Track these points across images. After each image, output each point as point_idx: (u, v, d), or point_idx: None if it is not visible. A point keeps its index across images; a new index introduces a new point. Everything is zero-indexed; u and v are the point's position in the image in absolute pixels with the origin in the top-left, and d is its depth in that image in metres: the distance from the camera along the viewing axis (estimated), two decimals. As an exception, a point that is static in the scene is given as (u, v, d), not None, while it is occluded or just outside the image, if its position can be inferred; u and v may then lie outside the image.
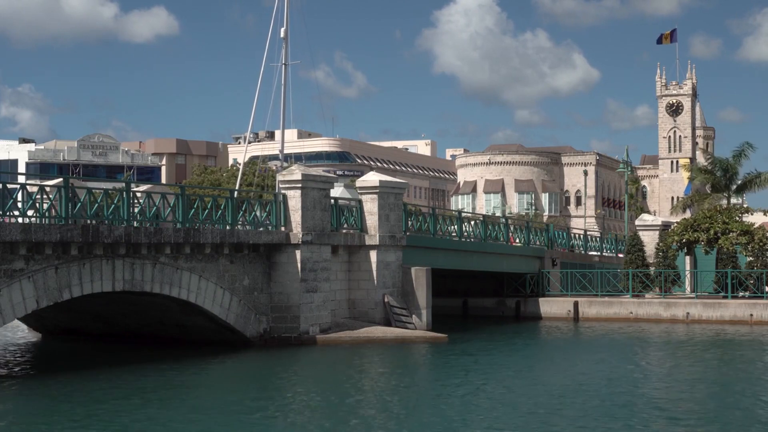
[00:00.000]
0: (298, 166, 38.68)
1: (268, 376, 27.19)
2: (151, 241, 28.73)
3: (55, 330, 37.36)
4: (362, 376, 27.40)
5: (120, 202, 28.64)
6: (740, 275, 45.98)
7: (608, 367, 29.05)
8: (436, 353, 32.69)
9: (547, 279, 49.90)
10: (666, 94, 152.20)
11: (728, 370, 28.96)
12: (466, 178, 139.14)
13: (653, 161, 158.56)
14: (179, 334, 33.83)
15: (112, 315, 34.27)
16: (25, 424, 19.88)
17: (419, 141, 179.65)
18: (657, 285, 47.88)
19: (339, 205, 37.04)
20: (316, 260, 34.14)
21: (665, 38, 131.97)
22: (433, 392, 24.39)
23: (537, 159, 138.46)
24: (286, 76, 53.22)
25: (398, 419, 20.11)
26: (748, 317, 43.17)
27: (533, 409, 21.08)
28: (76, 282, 26.97)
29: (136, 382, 25.13)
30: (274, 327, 33.62)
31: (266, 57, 53.11)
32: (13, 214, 25.99)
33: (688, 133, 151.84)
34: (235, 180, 78.82)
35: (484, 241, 46.96)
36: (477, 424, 19.57)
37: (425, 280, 37.86)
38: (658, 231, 54.22)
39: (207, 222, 31.69)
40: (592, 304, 46.83)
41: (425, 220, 43.84)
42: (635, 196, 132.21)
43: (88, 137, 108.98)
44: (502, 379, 26.72)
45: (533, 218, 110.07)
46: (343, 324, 35.47)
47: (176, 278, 30.19)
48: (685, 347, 35.30)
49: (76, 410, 21.00)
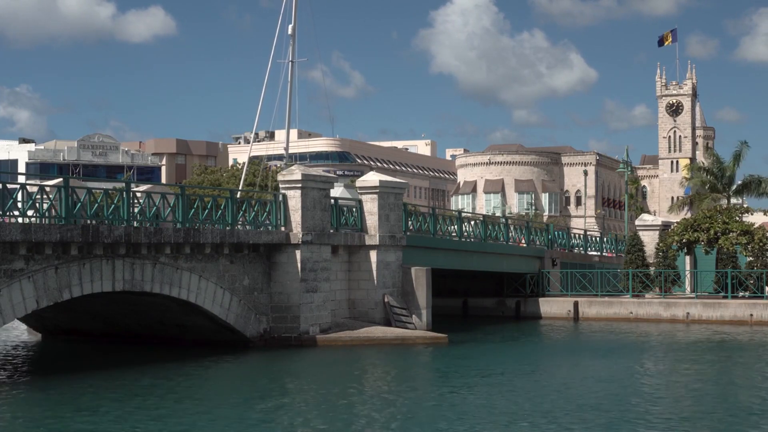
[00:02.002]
0: (298, 166, 38.66)
1: (268, 376, 27.19)
2: (151, 241, 28.73)
3: (55, 330, 37.36)
4: (362, 376, 27.40)
5: (120, 202, 28.63)
6: (740, 275, 45.98)
7: (608, 367, 29.03)
8: (436, 353, 32.71)
9: (547, 279, 49.90)
10: (666, 94, 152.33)
11: (728, 371, 28.97)
12: (466, 178, 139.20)
13: (653, 161, 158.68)
14: (179, 334, 33.83)
15: (112, 315, 34.28)
16: (24, 424, 19.89)
17: (419, 141, 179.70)
18: (657, 285, 47.89)
19: (339, 205, 37.04)
20: (316, 260, 34.14)
21: (666, 39, 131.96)
22: (433, 392, 24.40)
23: (537, 159, 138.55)
24: (293, 74, 53.27)
25: (398, 419, 20.11)
26: (748, 317, 43.18)
27: (533, 410, 21.08)
28: (76, 282, 26.97)
29: (136, 383, 25.13)
30: (274, 327, 33.62)
31: (273, 54, 53.13)
32: (13, 214, 25.99)
33: (688, 133, 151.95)
34: (235, 180, 78.99)
35: (484, 241, 46.96)
36: (477, 424, 19.57)
37: (425, 280, 37.86)
38: (658, 231, 54.24)
39: (207, 222, 31.69)
40: (592, 304, 46.84)
41: (425, 220, 43.84)
42: (635, 196, 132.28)
43: (88, 137, 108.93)
44: (502, 379, 26.73)
45: (533, 218, 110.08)
46: (343, 324, 35.47)
47: (176, 278, 30.19)
48: (685, 347, 35.29)
49: (75, 410, 21.00)
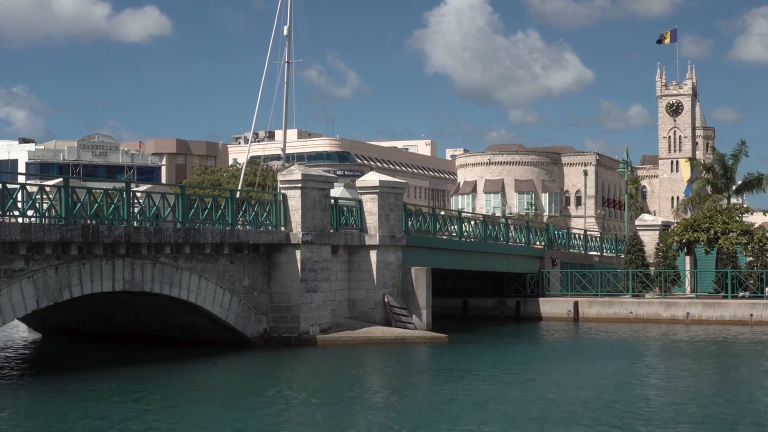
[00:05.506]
0: (298, 166, 38.65)
1: (268, 376, 27.18)
2: (151, 241, 28.73)
3: (55, 330, 37.36)
4: (362, 376, 27.40)
5: (120, 202, 28.63)
6: (740, 275, 45.97)
7: (608, 367, 29.01)
8: (436, 353, 32.69)
9: (547, 279, 49.89)
10: (666, 94, 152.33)
11: (728, 371, 28.96)
12: (466, 178, 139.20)
13: (653, 161, 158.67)
14: (179, 334, 33.83)
15: (112, 315, 34.28)
16: (24, 424, 19.88)
17: (419, 141, 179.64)
18: (657, 285, 47.88)
19: (339, 205, 37.04)
20: (316, 260, 34.14)
21: (665, 38, 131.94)
22: (433, 392, 24.38)
23: (537, 159, 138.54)
24: (289, 74, 53.26)
25: (398, 419, 20.09)
26: (748, 317, 43.17)
27: (533, 410, 21.07)
28: (76, 282, 26.97)
29: (136, 383, 25.11)
30: (274, 327, 33.62)
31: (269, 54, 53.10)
32: (13, 214, 25.99)
33: (688, 133, 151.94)
34: (235, 180, 78.96)
35: (484, 241, 46.95)
36: (477, 424, 19.56)
37: (425, 280, 37.85)
38: (658, 231, 54.26)
39: (207, 222, 31.69)
40: (592, 305, 46.82)
41: (425, 220, 43.84)
42: (635, 196, 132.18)
43: (88, 137, 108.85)
44: (502, 380, 26.72)
45: (533, 218, 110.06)
46: (343, 324, 35.47)
47: (176, 278, 30.19)
48: (685, 347, 35.28)
49: (75, 410, 20.99)
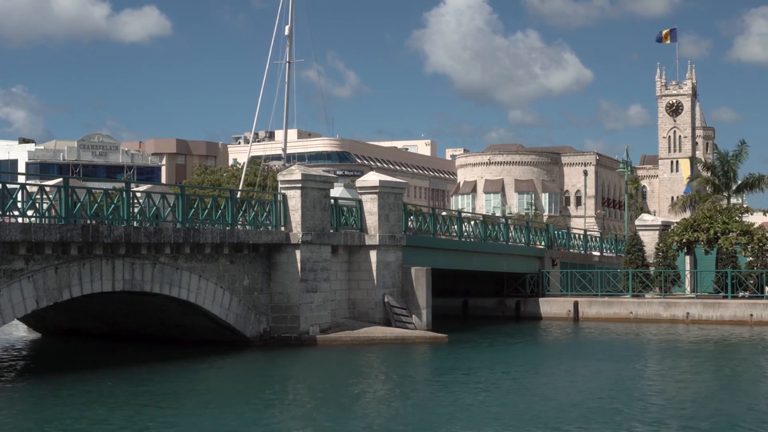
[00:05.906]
0: (298, 166, 38.64)
1: (268, 376, 27.18)
2: (151, 241, 28.73)
3: (55, 330, 37.37)
4: (362, 376, 27.39)
5: (120, 202, 28.63)
6: (740, 275, 45.98)
7: (608, 367, 29.02)
8: (436, 353, 32.69)
9: (547, 279, 49.89)
10: (666, 94, 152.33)
11: (728, 371, 28.95)
12: (466, 178, 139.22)
13: (653, 161, 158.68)
14: (179, 334, 33.83)
15: (112, 315, 34.28)
16: (24, 424, 19.87)
17: (419, 141, 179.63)
18: (657, 285, 47.88)
19: (339, 205, 37.04)
20: (316, 260, 34.14)
21: (665, 37, 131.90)
22: (432, 392, 24.39)
23: (537, 159, 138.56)
24: (290, 74, 53.25)
25: (398, 420, 20.10)
26: (748, 317, 43.17)
27: (533, 410, 21.08)
28: (76, 282, 26.97)
29: (136, 383, 25.11)
30: (274, 327, 33.62)
31: (271, 55, 53.09)
32: (13, 214, 25.99)
33: (688, 133, 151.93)
34: (235, 180, 78.95)
35: (484, 241, 46.94)
36: (477, 424, 19.56)
37: (425, 280, 37.85)
38: (658, 231, 54.23)
39: (207, 222, 31.69)
40: (592, 304, 46.82)
41: (425, 220, 43.84)
42: (635, 196, 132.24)
43: (88, 137, 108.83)
44: (502, 380, 26.73)
45: (533, 218, 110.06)
46: (343, 324, 35.46)
47: (176, 278, 30.19)
48: (685, 348, 35.28)
49: (75, 410, 20.99)
